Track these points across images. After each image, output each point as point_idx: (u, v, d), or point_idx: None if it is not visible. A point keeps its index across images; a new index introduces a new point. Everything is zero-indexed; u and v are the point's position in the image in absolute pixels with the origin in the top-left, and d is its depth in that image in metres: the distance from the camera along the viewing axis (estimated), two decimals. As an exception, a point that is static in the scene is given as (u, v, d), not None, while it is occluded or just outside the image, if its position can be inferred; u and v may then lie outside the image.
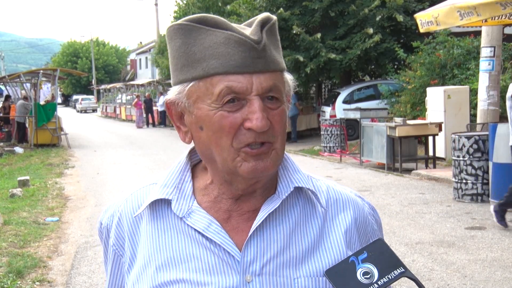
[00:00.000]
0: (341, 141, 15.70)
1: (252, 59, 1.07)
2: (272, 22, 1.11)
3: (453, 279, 5.35)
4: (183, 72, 1.11)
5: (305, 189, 1.18)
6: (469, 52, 14.05)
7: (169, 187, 1.16)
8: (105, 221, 1.23)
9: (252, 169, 1.08)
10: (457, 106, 12.02)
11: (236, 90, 1.06)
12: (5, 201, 9.65)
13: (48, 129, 19.24)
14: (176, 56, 1.12)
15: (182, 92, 1.12)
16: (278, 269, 1.11)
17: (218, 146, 1.08)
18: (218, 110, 1.07)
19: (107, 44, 71.72)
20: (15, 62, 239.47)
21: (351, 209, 1.21)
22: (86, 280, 5.71)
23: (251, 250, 1.11)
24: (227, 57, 1.06)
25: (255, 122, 1.05)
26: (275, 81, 1.09)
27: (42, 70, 21.94)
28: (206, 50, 1.08)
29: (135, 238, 1.18)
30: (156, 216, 1.17)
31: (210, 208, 1.15)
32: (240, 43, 1.06)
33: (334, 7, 18.06)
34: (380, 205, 8.54)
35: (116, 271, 1.22)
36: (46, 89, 26.45)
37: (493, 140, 8.01)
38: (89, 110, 56.43)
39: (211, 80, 1.07)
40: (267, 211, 1.12)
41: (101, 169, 14.04)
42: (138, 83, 40.73)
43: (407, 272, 1.06)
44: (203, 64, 1.08)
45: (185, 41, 1.10)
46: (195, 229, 1.12)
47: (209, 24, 1.09)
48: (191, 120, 1.12)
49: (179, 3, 28.33)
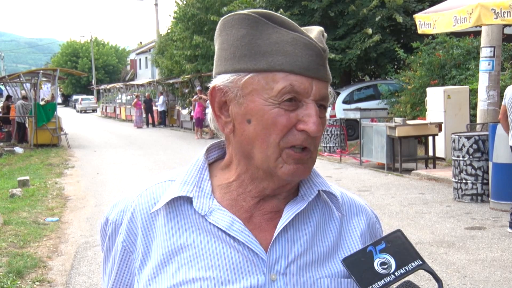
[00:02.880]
0: (341, 141, 15.70)
1: (316, 65, 1.08)
2: (326, 36, 1.15)
3: (453, 279, 5.36)
4: (241, 62, 1.09)
5: (321, 192, 1.19)
6: (469, 52, 14.05)
7: (189, 185, 1.15)
8: (114, 216, 1.19)
9: (293, 172, 1.09)
10: (457, 106, 12.03)
11: (298, 90, 1.07)
12: (5, 201, 9.65)
13: (48, 129, 19.24)
14: (235, 45, 1.10)
15: (236, 81, 1.10)
16: (302, 269, 1.12)
17: (264, 142, 1.08)
18: (275, 107, 1.07)
19: (107, 44, 71.73)
20: (15, 62, 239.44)
21: (364, 215, 1.24)
22: (86, 280, 5.72)
23: (276, 249, 1.11)
24: (294, 57, 1.07)
25: (311, 126, 1.06)
26: (328, 91, 1.12)
27: (42, 70, 21.94)
28: (272, 45, 1.08)
29: (150, 235, 1.15)
30: (176, 213, 1.15)
31: (231, 206, 1.14)
32: (309, 46, 1.08)
33: (333, 7, 18.07)
34: (380, 205, 8.54)
35: (124, 268, 1.18)
36: (46, 89, 26.47)
37: (493, 140, 8.02)
38: (89, 110, 56.42)
39: (273, 76, 1.07)
40: (294, 211, 1.13)
41: (101, 169, 14.04)
42: (138, 83, 40.75)
43: (424, 264, 1.06)
44: (268, 59, 1.07)
45: (250, 32, 1.09)
46: (218, 227, 1.11)
47: (276, 22, 1.09)
48: (238, 111, 1.11)
49: (178, 3, 28.31)
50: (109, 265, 1.21)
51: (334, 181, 10.57)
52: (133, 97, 35.32)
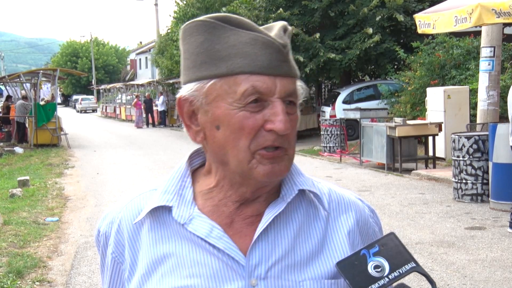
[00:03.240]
0: (341, 141, 15.70)
1: (278, 62, 1.06)
2: (291, 30, 1.12)
3: (453, 279, 5.35)
4: (202, 69, 1.08)
5: (307, 192, 1.17)
6: (469, 52, 14.05)
7: (170, 194, 1.15)
8: (104, 228, 1.21)
9: (269, 172, 1.07)
10: (457, 106, 12.03)
11: (261, 90, 1.05)
12: (5, 201, 9.65)
13: (48, 129, 19.24)
14: (195, 53, 1.09)
15: (200, 89, 1.09)
16: (283, 273, 1.10)
17: (235, 147, 1.07)
18: (240, 110, 1.06)
19: (107, 44, 71.72)
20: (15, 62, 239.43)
21: (353, 211, 1.20)
22: (86, 280, 5.72)
23: (256, 254, 1.10)
24: (253, 57, 1.05)
25: (278, 124, 1.05)
26: (295, 86, 1.10)
27: (42, 70, 21.95)
28: (231, 48, 1.06)
29: (136, 245, 1.16)
30: (158, 223, 1.15)
31: (213, 212, 1.13)
32: (267, 45, 1.06)
33: (333, 7, 18.07)
34: (380, 205, 8.54)
35: (116, 278, 1.20)
36: (46, 89, 26.47)
37: (493, 140, 8.01)
38: (89, 110, 56.42)
39: (235, 79, 1.06)
40: (273, 214, 1.11)
41: (101, 169, 14.04)
42: (138, 83, 40.74)
43: (418, 267, 1.06)
44: (227, 63, 1.06)
45: (207, 38, 1.08)
46: (197, 235, 1.11)
47: (233, 24, 1.07)
48: (206, 119, 1.10)
49: (178, 3, 28.32)
50: (104, 274, 1.23)
51: (334, 181, 10.58)
52: (133, 97, 35.34)
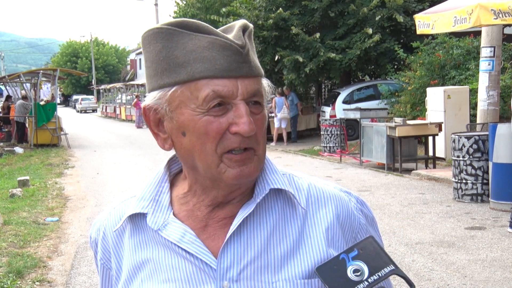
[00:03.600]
0: (341, 141, 15.70)
1: (237, 64, 1.05)
2: (251, 28, 1.11)
3: (453, 279, 5.35)
4: (163, 77, 1.08)
5: (284, 190, 1.15)
6: (469, 52, 14.05)
7: (146, 200, 1.16)
8: (93, 235, 1.25)
9: (238, 175, 1.07)
10: (457, 106, 12.03)
11: (223, 94, 1.04)
12: (5, 201, 9.65)
13: (48, 129, 19.24)
14: (155, 61, 1.09)
15: (163, 97, 1.09)
16: (256, 274, 1.10)
17: (202, 152, 1.07)
18: (204, 115, 1.05)
19: (106, 44, 71.71)
20: (15, 62, 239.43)
21: (333, 205, 1.17)
22: (86, 280, 5.72)
23: (227, 256, 1.10)
24: (212, 61, 1.05)
25: (242, 126, 1.04)
26: (259, 86, 1.09)
27: (42, 70, 21.94)
28: (189, 54, 1.05)
29: (119, 251, 1.19)
30: (137, 229, 1.17)
31: (188, 217, 1.14)
32: (225, 47, 1.05)
33: (333, 7, 18.06)
34: (380, 205, 8.54)
35: (107, 283, 1.25)
36: (46, 89, 26.47)
37: (493, 140, 8.01)
38: (89, 110, 56.42)
39: (195, 85, 1.05)
40: (242, 216, 1.10)
41: (101, 169, 14.04)
42: (138, 83, 40.70)
43: (397, 269, 1.06)
44: (187, 68, 1.05)
45: (166, 45, 1.07)
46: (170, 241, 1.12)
47: (191, 29, 1.06)
48: (172, 126, 1.10)
49: (178, 3, 28.33)
50: (99, 277, 1.27)
51: (334, 181, 10.56)
52: (133, 97, 35.32)
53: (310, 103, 23.63)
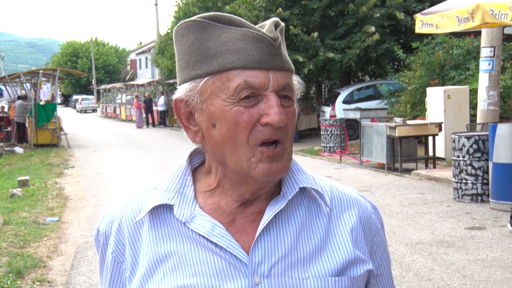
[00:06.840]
0: (341, 141, 15.70)
1: (269, 56, 1.07)
2: (282, 25, 1.12)
3: (453, 279, 5.35)
4: (195, 68, 1.09)
5: (309, 189, 1.17)
6: (469, 52, 14.05)
7: (171, 192, 1.14)
8: (103, 227, 1.20)
9: (267, 171, 1.07)
10: (457, 106, 12.03)
11: (254, 85, 1.05)
12: (5, 201, 9.65)
13: (48, 129, 19.24)
14: (187, 53, 1.10)
15: (194, 89, 1.09)
16: (287, 270, 1.10)
17: (233, 144, 1.06)
18: (234, 106, 1.05)
19: (107, 44, 71.69)
20: (15, 62, 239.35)
21: (356, 208, 1.20)
22: (86, 280, 5.72)
23: (258, 251, 1.09)
24: (244, 52, 1.06)
25: (273, 117, 1.04)
26: (289, 80, 1.10)
27: (42, 70, 21.93)
28: (222, 45, 1.07)
29: (137, 244, 1.15)
30: (159, 221, 1.14)
31: (214, 211, 1.13)
32: (258, 39, 1.06)
33: (333, 7, 18.07)
34: (380, 205, 8.54)
35: (116, 279, 1.19)
36: (46, 89, 26.46)
37: (493, 140, 8.02)
38: (89, 110, 56.42)
39: (227, 75, 1.06)
40: (273, 211, 1.11)
41: (101, 169, 14.04)
42: (138, 83, 40.72)
43: None
44: (219, 59, 1.06)
45: (198, 36, 1.08)
46: (199, 234, 1.10)
47: (224, 22, 1.08)
48: (202, 118, 1.10)
49: (179, 3, 28.33)
50: (104, 274, 1.22)
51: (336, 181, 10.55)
52: (133, 97, 35.33)
53: (310, 103, 23.63)
